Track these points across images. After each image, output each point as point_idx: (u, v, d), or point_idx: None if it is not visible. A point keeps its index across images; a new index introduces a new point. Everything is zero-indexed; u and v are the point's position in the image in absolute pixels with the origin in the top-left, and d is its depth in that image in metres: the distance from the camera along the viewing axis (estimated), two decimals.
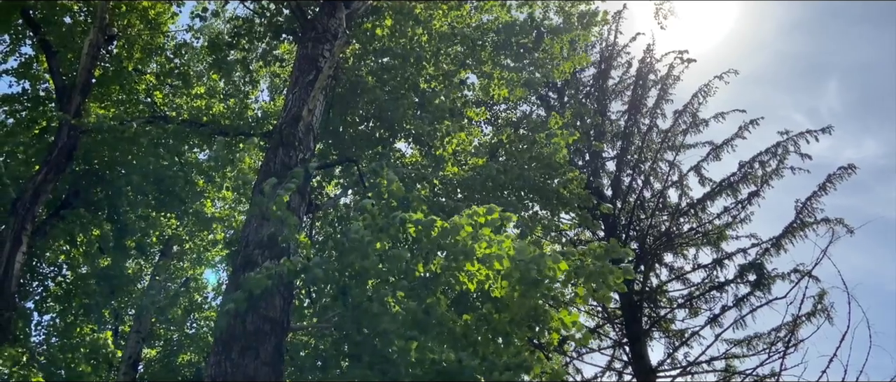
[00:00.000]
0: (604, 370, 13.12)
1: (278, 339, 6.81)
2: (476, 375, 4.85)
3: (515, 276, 4.87)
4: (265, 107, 15.16)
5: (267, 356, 6.57)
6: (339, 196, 11.51)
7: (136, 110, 14.58)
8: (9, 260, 10.77)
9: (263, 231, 7.62)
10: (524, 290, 4.92)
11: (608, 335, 13.44)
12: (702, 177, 12.92)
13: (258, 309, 6.55)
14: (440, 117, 10.10)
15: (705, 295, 12.38)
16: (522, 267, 4.81)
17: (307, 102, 8.75)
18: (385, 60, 10.87)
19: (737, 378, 11.87)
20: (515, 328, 5.34)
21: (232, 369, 6.33)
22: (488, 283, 5.37)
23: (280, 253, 7.47)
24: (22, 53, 15.03)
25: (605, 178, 13.96)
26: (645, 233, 12.98)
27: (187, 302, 16.47)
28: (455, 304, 6.93)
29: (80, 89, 13.34)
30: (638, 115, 13.87)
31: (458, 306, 7.51)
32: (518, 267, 4.82)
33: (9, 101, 14.70)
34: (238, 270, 7.45)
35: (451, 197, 9.01)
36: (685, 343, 12.37)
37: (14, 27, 14.61)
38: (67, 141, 12.47)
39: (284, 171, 8.20)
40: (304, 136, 8.60)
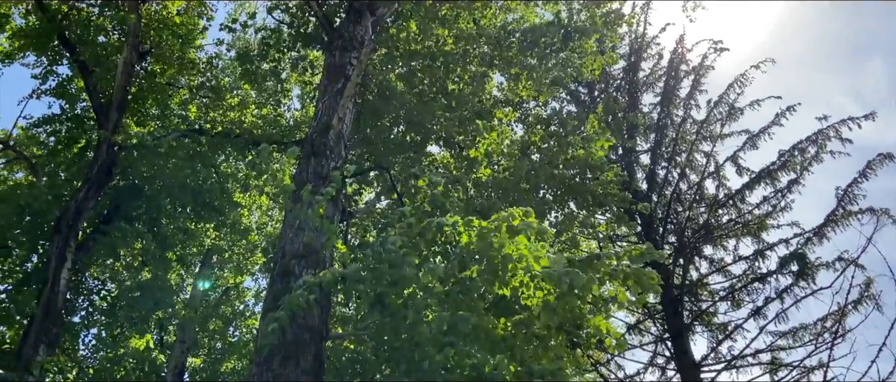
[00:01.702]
0: (646, 366, 12.94)
1: (318, 348, 6.87)
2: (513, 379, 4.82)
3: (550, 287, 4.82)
4: (296, 116, 15.32)
5: (307, 365, 6.63)
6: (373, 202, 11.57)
7: (172, 124, 14.87)
8: (55, 276, 11.08)
9: (299, 240, 7.69)
10: (559, 297, 4.87)
11: (649, 330, 13.24)
12: (739, 167, 12.63)
13: (297, 319, 6.62)
14: (470, 119, 10.08)
15: (748, 286, 12.11)
16: (555, 279, 4.75)
17: (337, 111, 8.82)
18: (412, 64, 10.88)
19: (783, 370, 11.59)
20: (552, 332, 5.30)
21: (273, 378, 6.39)
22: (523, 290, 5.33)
23: (317, 262, 7.55)
24: (59, 74, 15.46)
25: (640, 172, 13.76)
26: (683, 226, 12.76)
27: (229, 311, 16.74)
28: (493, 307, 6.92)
29: (117, 106, 13.68)
30: (671, 107, 13.64)
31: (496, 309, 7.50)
32: (551, 279, 4.77)
33: (49, 121, 15.14)
34: (276, 280, 7.54)
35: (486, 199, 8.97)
36: (729, 337, 12.12)
37: (51, 48, 15.01)
38: (106, 157, 12.80)
39: (317, 180, 8.28)
40: (334, 145, 8.66)
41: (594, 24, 10.91)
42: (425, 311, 5.48)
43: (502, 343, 5.72)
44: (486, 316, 5.88)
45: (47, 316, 10.63)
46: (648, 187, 13.31)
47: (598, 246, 13.28)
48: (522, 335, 5.61)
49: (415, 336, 5.56)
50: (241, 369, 15.75)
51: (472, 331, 5.57)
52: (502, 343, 5.67)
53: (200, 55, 15.98)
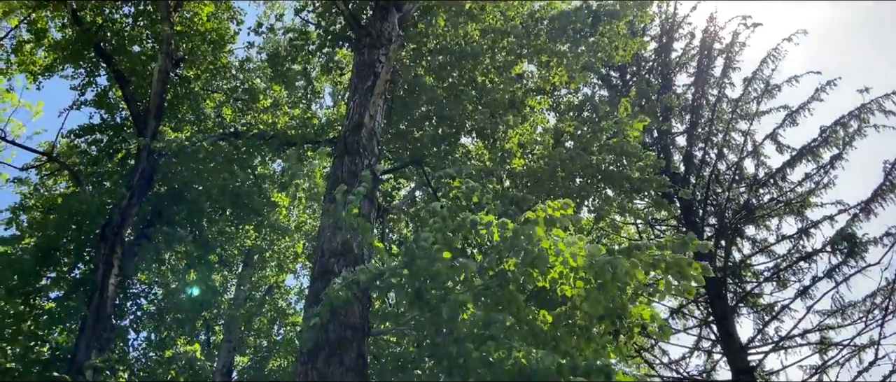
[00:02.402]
0: (691, 350, 12.79)
1: (360, 344, 6.92)
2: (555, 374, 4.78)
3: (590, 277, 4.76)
4: (328, 115, 15.45)
5: (350, 362, 6.68)
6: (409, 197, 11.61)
7: (208, 129, 15.13)
8: (103, 282, 11.41)
9: (337, 239, 7.75)
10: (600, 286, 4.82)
11: (692, 314, 13.08)
12: (779, 145, 12.36)
13: (339, 317, 6.68)
14: (501, 110, 10.03)
15: (793, 266, 11.87)
16: (596, 269, 4.70)
17: (368, 108, 8.85)
18: (441, 58, 10.86)
19: (833, 349, 11.34)
20: (594, 322, 5.25)
21: (318, 377, 6.47)
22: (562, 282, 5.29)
23: (355, 259, 7.60)
24: (97, 84, 15.83)
25: (676, 154, 13.56)
26: (723, 207, 12.54)
27: (273, 310, 17.03)
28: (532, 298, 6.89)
29: (154, 113, 13.98)
30: (705, 87, 13.38)
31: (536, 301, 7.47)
32: (592, 268, 4.71)
33: (90, 131, 15.52)
34: (316, 278, 7.62)
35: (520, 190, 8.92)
36: (775, 318, 11.91)
37: (88, 60, 15.37)
38: (147, 164, 13.09)
39: (351, 178, 8.33)
40: (367, 143, 8.69)
41: (624, 6, 10.72)
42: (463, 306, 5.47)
43: (543, 336, 5.70)
44: (525, 308, 5.86)
45: (97, 321, 10.95)
46: (686, 169, 13.10)
47: (637, 232, 13.15)
48: (564, 326, 5.58)
49: (453, 331, 5.57)
50: (287, 366, 16.04)
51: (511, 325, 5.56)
52: (543, 335, 5.65)
53: (232, 59, 16.21)
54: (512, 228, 5.22)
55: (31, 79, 15.97)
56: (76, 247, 12.73)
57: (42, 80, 15.95)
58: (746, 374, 11.06)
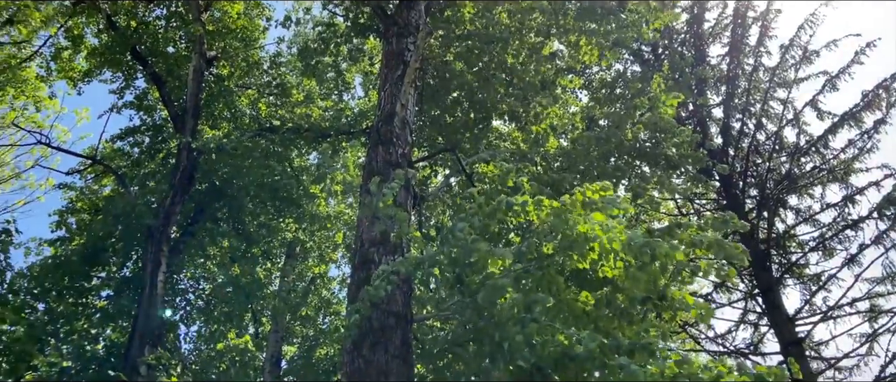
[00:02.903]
0: (737, 323, 12.63)
1: (404, 331, 7.03)
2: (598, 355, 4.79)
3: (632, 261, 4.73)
4: (360, 106, 15.57)
5: (396, 349, 6.80)
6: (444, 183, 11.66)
7: (244, 125, 15.39)
8: (152, 280, 11.76)
9: (376, 228, 7.84)
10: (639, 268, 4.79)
11: (737, 287, 12.90)
12: (819, 111, 12.04)
13: (381, 306, 6.79)
14: (532, 92, 9.97)
15: (839, 234, 11.62)
16: (635, 251, 4.67)
17: (399, 98, 8.90)
18: (469, 43, 10.83)
19: (884, 317, 11.10)
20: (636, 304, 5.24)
21: (365, 365, 6.59)
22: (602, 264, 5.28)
23: (394, 248, 7.70)
24: (135, 87, 16.21)
25: (714, 126, 13.31)
26: (764, 178, 12.31)
27: (317, 300, 17.36)
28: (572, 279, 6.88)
29: (192, 113, 14.27)
30: (740, 56, 13.07)
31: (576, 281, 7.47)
32: (631, 251, 4.69)
33: (131, 133, 15.93)
34: (357, 268, 7.73)
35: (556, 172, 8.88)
36: (823, 288, 11.68)
37: (124, 64, 15.74)
38: (187, 163, 13.39)
39: (386, 168, 8.41)
40: (400, 132, 8.75)
41: None
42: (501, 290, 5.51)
43: (585, 317, 5.71)
44: (566, 290, 5.87)
45: (148, 318, 11.31)
46: (724, 141, 12.87)
47: (676, 208, 12.99)
48: (605, 307, 5.57)
49: (493, 315, 5.61)
50: (334, 354, 16.35)
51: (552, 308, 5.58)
52: (584, 317, 5.66)
53: (263, 55, 16.42)
54: (547, 206, 5.22)
55: (72, 85, 16.44)
56: (124, 247, 13.14)
57: (82, 86, 16.42)
58: (795, 345, 10.89)
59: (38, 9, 15.58)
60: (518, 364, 5.66)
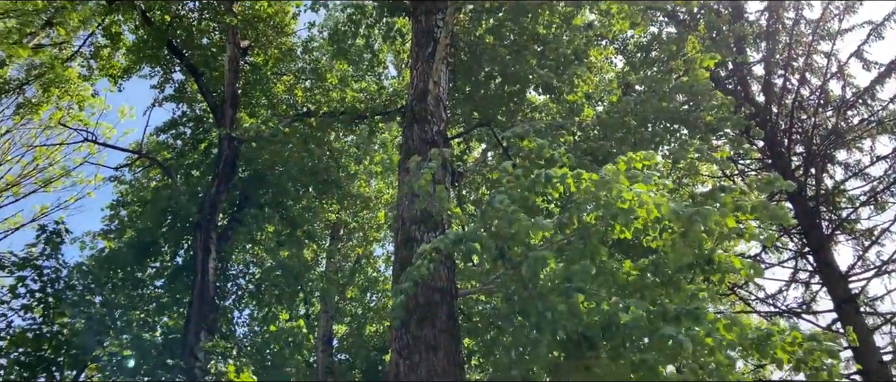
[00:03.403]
0: (788, 282, 12.41)
1: (449, 307, 7.12)
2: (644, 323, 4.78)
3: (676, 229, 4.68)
4: (394, 85, 15.61)
5: (442, 323, 6.89)
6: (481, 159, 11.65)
7: (281, 111, 15.60)
8: (203, 267, 12.09)
9: (416, 207, 7.91)
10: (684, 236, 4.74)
11: (787, 246, 12.64)
12: (865, 62, 11.63)
13: (426, 283, 6.87)
14: (565, 63, 9.85)
15: (891, 187, 11.27)
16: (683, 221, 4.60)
17: (431, 75, 8.91)
18: (500, 16, 10.73)
19: None
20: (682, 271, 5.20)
21: (413, 340, 6.71)
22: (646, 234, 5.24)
23: (435, 225, 7.77)
24: (174, 80, 16.53)
25: (755, 84, 12.97)
26: (810, 134, 11.98)
27: (364, 279, 17.65)
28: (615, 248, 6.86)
29: (230, 102, 14.52)
30: (780, 10, 12.66)
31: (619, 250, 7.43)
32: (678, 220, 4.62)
33: (173, 126, 16.30)
34: (400, 247, 7.83)
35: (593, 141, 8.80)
36: (876, 242, 11.39)
37: (162, 58, 16.06)
38: (229, 152, 13.66)
39: (422, 146, 8.46)
40: (434, 109, 8.77)
41: None
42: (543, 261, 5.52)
43: (629, 287, 5.69)
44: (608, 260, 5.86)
45: (202, 304, 11.65)
46: (766, 99, 12.54)
47: (719, 171, 12.75)
48: (650, 276, 5.55)
49: (537, 286, 5.64)
50: (383, 331, 16.66)
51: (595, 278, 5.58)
52: (629, 286, 5.64)
53: (296, 41, 16.55)
54: (586, 178, 5.19)
55: (113, 82, 16.85)
56: (174, 236, 13.52)
57: (122, 83, 16.83)
58: (849, 303, 10.66)
59: (76, 9, 15.95)
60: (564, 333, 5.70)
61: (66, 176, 19.54)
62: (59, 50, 17.13)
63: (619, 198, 4.89)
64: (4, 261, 10.56)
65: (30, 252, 11.08)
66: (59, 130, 18.81)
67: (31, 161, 19.19)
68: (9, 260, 10.64)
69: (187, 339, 11.12)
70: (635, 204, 4.83)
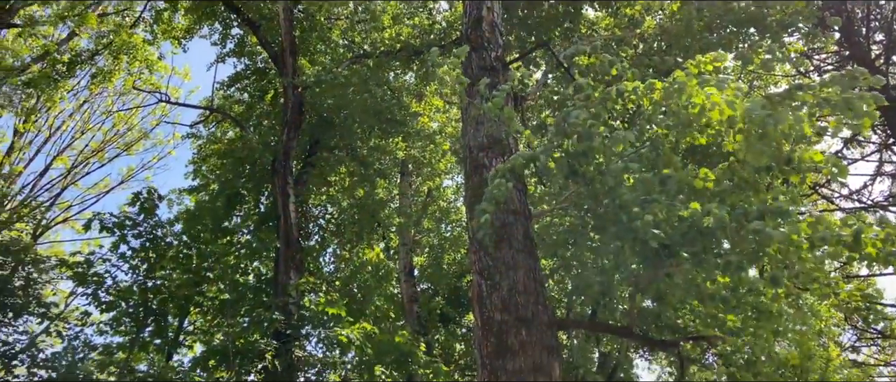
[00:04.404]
0: (873, 176, 12.00)
1: (525, 227, 7.27)
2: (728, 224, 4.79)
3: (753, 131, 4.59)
4: (447, 18, 15.51)
5: (519, 244, 7.06)
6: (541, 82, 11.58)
7: (339, 55, 15.79)
8: (285, 211, 12.65)
9: (482, 133, 8.01)
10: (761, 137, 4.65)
11: (870, 140, 12.16)
12: None
13: (500, 206, 7.04)
14: None
15: None
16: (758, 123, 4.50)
17: (484, 1, 8.85)
18: None
19: None
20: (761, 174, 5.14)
21: (492, 262, 6.92)
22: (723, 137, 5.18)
23: (503, 149, 7.88)
24: (233, 36, 16.91)
25: None
26: (890, 19, 11.32)
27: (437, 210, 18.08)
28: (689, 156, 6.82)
29: (289, 51, 14.78)
30: None
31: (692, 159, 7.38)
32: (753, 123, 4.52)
33: (238, 79, 16.78)
34: (470, 174, 7.98)
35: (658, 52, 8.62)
36: None
37: (220, 15, 16.41)
38: (294, 100, 14.03)
39: (481, 73, 8.49)
40: (490, 35, 8.75)
41: None
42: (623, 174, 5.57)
43: (706, 193, 5.69)
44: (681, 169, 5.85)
45: (288, 246, 12.27)
46: None
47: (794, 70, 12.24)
48: (728, 181, 5.52)
49: (617, 199, 5.70)
50: (460, 258, 17.13)
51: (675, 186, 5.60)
52: (706, 192, 5.64)
53: None
54: (659, 87, 5.15)
55: (176, 43, 17.40)
56: (255, 185, 14.14)
57: (185, 43, 17.35)
58: None
59: None
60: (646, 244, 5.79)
61: (145, 138, 20.52)
62: (123, 17, 17.74)
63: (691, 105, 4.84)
64: (105, 223, 11.32)
65: (123, 211, 11.84)
66: (132, 95, 19.70)
67: (112, 127, 20.19)
68: (109, 221, 11.40)
69: (278, 279, 11.78)
70: (708, 108, 4.78)
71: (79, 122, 19.89)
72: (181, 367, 11.08)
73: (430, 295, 17.56)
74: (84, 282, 10.97)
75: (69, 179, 19.13)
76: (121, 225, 11.33)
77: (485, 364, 6.35)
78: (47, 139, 19.11)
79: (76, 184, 19.51)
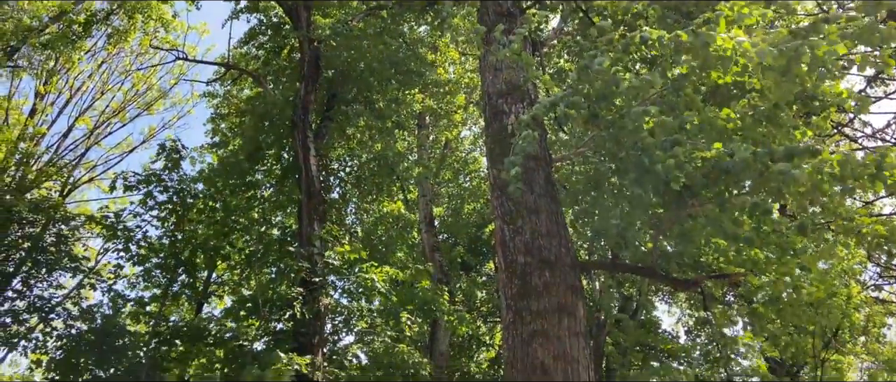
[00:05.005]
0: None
1: (546, 172, 7.34)
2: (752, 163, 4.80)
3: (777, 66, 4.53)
4: None
5: (541, 188, 7.13)
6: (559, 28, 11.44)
7: (353, 8, 15.68)
8: (306, 165, 12.78)
9: (500, 79, 8.01)
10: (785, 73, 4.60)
11: (893, 78, 11.92)
12: None
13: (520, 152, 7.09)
14: None
15: None
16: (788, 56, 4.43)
17: None
18: None
19: None
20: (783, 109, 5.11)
21: (514, 207, 7.01)
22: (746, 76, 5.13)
23: (522, 95, 7.88)
24: None
25: None
26: None
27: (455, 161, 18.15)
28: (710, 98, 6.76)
29: (304, 4, 14.69)
30: None
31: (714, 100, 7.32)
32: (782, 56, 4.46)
33: (254, 35, 16.74)
34: (490, 121, 8.01)
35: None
36: None
37: None
38: (310, 54, 14.01)
39: (498, 19, 8.44)
40: None
41: None
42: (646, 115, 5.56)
43: (728, 133, 5.67)
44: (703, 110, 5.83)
45: (310, 199, 12.43)
46: None
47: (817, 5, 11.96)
48: (750, 119, 5.50)
49: (638, 142, 5.71)
50: (480, 207, 17.27)
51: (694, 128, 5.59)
52: (728, 132, 5.61)
53: None
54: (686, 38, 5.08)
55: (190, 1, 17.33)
56: (276, 140, 14.27)
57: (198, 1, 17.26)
58: None
59: None
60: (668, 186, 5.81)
61: (164, 97, 20.65)
62: None
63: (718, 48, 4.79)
64: (130, 182, 11.56)
65: (146, 167, 12.06)
66: (150, 55, 19.76)
67: (131, 87, 20.33)
68: (133, 179, 11.63)
69: (302, 231, 11.99)
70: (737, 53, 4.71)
71: (98, 83, 20.05)
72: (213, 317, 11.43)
73: (450, 245, 17.79)
74: (114, 237, 11.26)
75: (92, 140, 19.39)
76: (147, 181, 11.56)
77: (509, 305, 6.49)
78: (68, 100, 19.32)
79: (99, 144, 19.81)
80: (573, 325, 6.14)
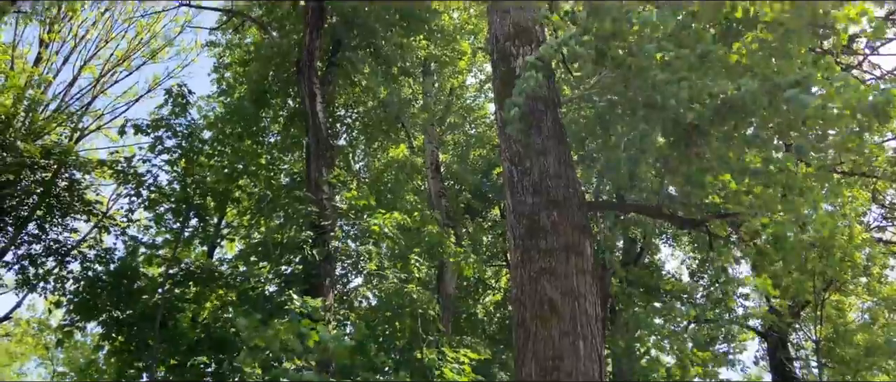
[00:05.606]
0: None
1: (554, 114, 7.35)
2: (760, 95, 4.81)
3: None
4: None
5: (548, 130, 7.16)
6: None
7: None
8: (312, 111, 12.78)
9: (508, 22, 7.95)
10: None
11: None
12: None
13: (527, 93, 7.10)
14: None
15: None
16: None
17: None
18: None
19: None
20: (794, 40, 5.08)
21: (522, 149, 7.06)
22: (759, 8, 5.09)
23: (530, 38, 7.84)
24: None
25: None
26: None
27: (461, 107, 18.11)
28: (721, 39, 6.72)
29: None
30: None
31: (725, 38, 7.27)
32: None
33: None
34: (497, 64, 7.99)
35: None
36: None
37: None
38: (315, 2, 13.84)
39: None
40: None
41: None
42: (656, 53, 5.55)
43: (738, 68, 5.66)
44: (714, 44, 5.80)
45: (317, 144, 12.48)
46: None
47: None
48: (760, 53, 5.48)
49: (648, 80, 5.71)
50: (486, 154, 17.29)
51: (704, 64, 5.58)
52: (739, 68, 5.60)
53: None
54: None
55: None
56: (281, 87, 14.24)
57: None
58: None
59: None
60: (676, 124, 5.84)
61: (169, 45, 20.48)
62: None
63: None
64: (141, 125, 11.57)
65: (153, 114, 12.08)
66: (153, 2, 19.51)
67: (135, 35, 20.14)
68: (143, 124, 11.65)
69: (310, 176, 12.09)
70: None
71: (102, 32, 19.86)
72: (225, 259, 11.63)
73: (456, 191, 17.90)
74: (126, 181, 11.36)
75: (98, 88, 19.31)
76: (155, 126, 11.59)
77: (518, 244, 6.60)
78: (73, 49, 19.18)
79: (105, 93, 19.67)
80: (580, 263, 6.25)
